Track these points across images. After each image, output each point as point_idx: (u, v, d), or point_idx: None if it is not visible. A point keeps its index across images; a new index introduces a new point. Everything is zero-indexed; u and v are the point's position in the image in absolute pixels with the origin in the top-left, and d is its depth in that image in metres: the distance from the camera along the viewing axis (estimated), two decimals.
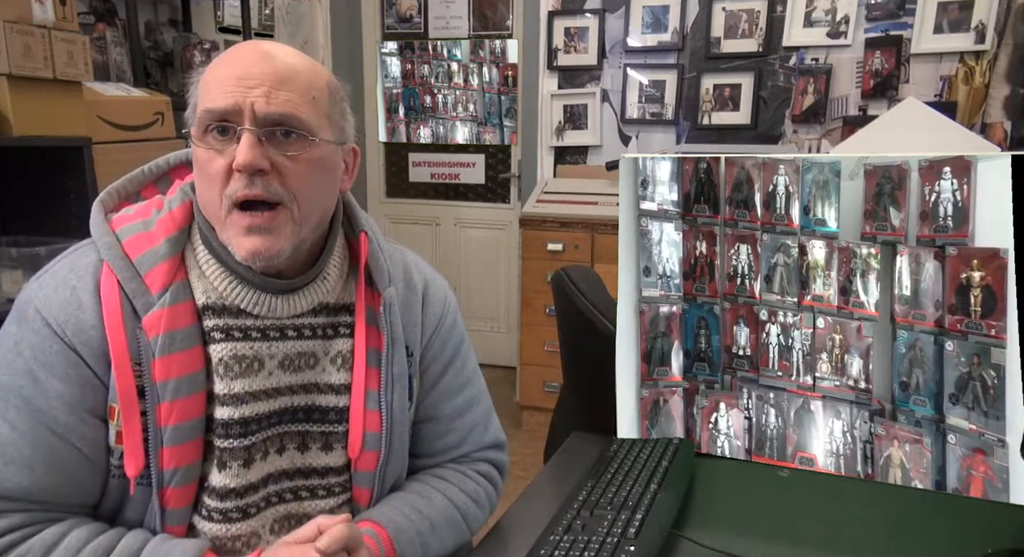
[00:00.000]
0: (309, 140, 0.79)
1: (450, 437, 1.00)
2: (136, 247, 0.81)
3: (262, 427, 0.85)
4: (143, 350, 0.78)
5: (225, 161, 0.77)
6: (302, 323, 0.87)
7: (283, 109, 0.77)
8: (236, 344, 0.82)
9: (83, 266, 0.81)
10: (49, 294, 0.79)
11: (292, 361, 0.86)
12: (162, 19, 2.84)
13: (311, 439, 0.89)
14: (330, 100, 0.83)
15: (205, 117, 0.78)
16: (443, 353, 0.99)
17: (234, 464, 0.82)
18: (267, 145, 0.77)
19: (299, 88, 0.79)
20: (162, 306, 0.79)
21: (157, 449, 0.78)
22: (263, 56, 0.79)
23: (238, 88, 0.76)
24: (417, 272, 0.99)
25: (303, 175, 0.79)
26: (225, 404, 0.81)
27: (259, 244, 0.78)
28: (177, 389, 0.78)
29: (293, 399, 0.87)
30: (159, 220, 0.84)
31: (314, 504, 0.90)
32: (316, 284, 0.88)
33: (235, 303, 0.83)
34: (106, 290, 0.79)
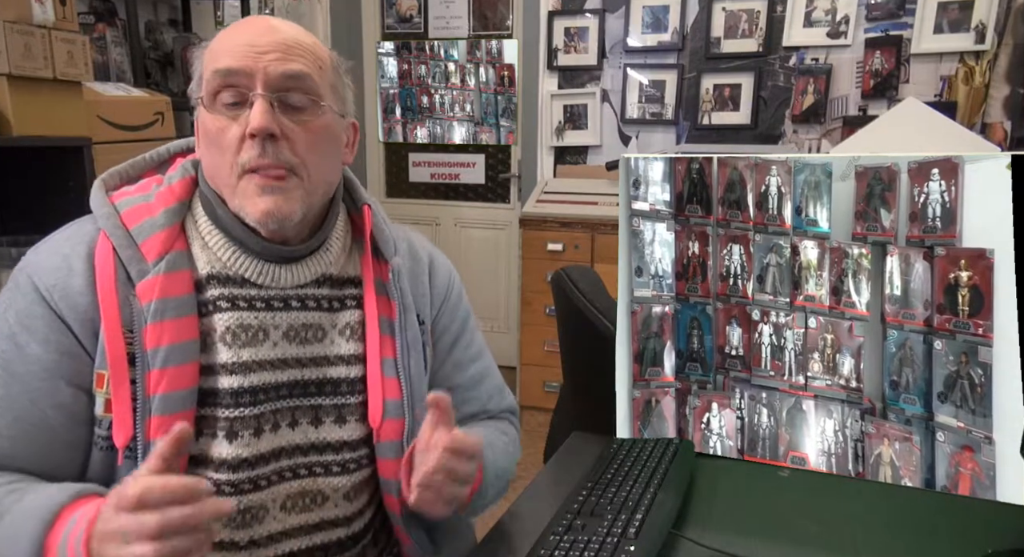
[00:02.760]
0: (319, 106, 0.81)
1: (468, 406, 1.01)
2: (134, 217, 0.82)
3: (270, 398, 0.84)
4: (136, 317, 0.77)
5: (239, 128, 0.78)
6: (306, 293, 0.87)
7: (297, 69, 0.79)
8: (241, 313, 0.83)
9: (79, 234, 0.81)
10: (41, 260, 0.79)
11: (297, 332, 0.86)
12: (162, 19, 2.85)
13: (324, 413, 0.88)
14: (334, 71, 0.86)
15: (215, 79, 0.78)
16: (452, 325, 1.01)
17: (245, 433, 0.81)
18: (279, 111, 0.79)
19: (306, 55, 0.81)
20: (157, 273, 0.78)
21: (145, 418, 0.76)
22: (269, 28, 0.81)
23: (248, 53, 0.78)
24: (421, 247, 1.01)
25: (312, 142, 0.81)
26: (233, 373, 0.81)
27: (272, 204, 0.79)
28: (168, 357, 0.77)
29: (303, 372, 0.87)
30: (159, 193, 0.84)
31: (329, 481, 0.88)
32: (319, 255, 0.88)
33: (239, 272, 0.83)
34: (101, 256, 0.79)
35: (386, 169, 4.01)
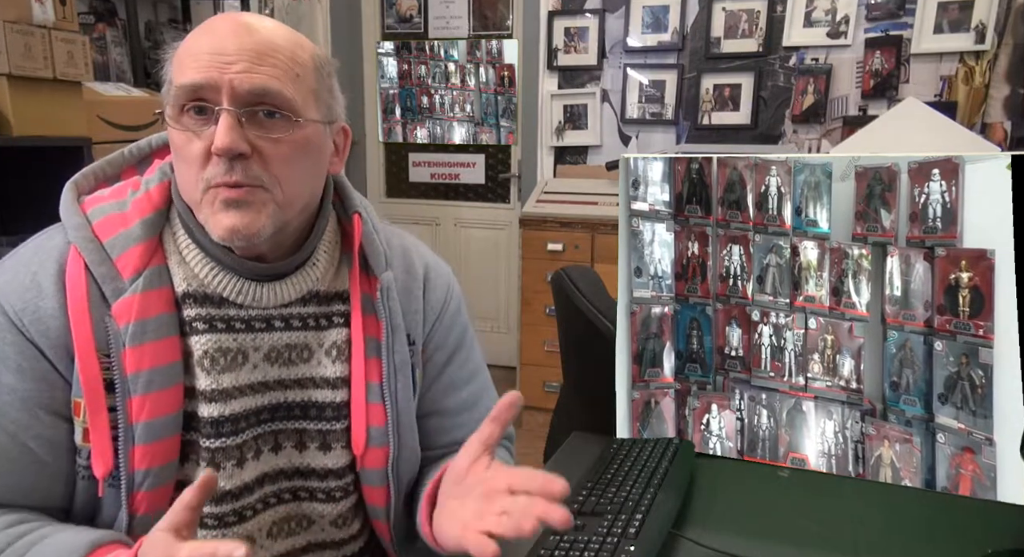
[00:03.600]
0: (293, 121, 0.73)
1: (458, 433, 0.92)
2: (107, 229, 0.75)
3: (251, 424, 0.80)
4: (112, 340, 0.72)
5: (203, 143, 0.71)
6: (290, 313, 0.81)
7: (265, 84, 0.71)
8: (220, 336, 0.77)
9: (47, 249, 0.75)
10: (8, 280, 0.73)
11: (280, 354, 0.81)
12: (162, 19, 2.85)
13: (308, 438, 0.83)
14: (316, 76, 0.76)
15: (179, 94, 0.71)
16: (447, 343, 0.93)
17: (227, 464, 0.77)
18: (247, 126, 0.71)
19: (281, 63, 0.72)
20: (134, 292, 0.73)
21: (128, 448, 0.72)
22: (241, 28, 0.72)
23: (214, 63, 0.70)
24: (418, 257, 0.93)
25: (287, 159, 0.73)
26: (213, 401, 0.76)
27: (237, 220, 0.72)
28: (150, 381, 0.72)
29: (286, 394, 0.82)
30: (135, 200, 0.77)
31: (314, 507, 0.85)
32: (305, 271, 0.82)
33: (217, 291, 0.77)
34: (72, 274, 0.73)
35: (386, 169, 4.01)
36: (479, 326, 3.83)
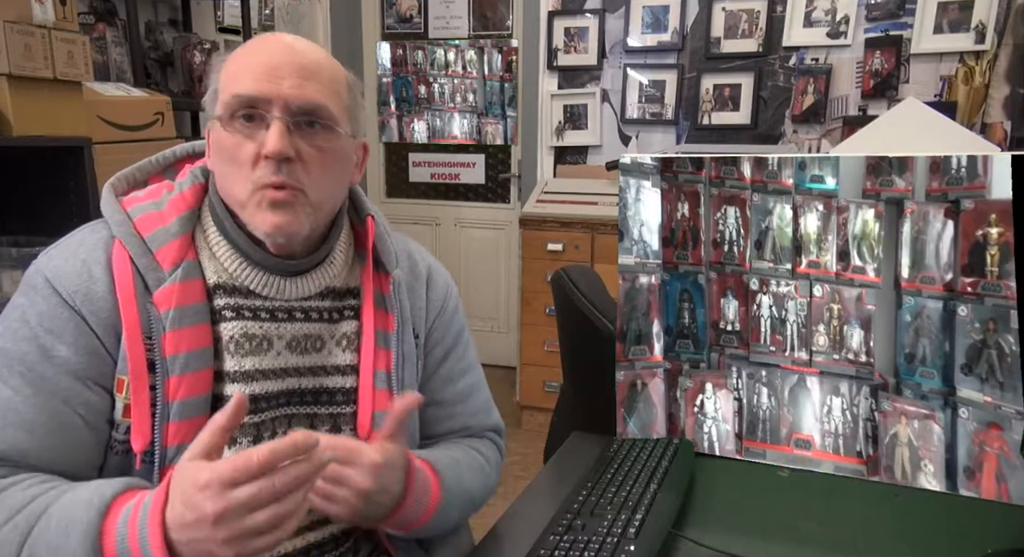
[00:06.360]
0: (335, 132, 0.83)
1: (453, 421, 1.02)
2: (148, 225, 0.83)
3: (270, 406, 0.86)
4: (154, 324, 0.79)
5: (254, 147, 0.80)
6: (309, 306, 0.90)
7: (315, 99, 0.81)
8: (246, 323, 0.85)
9: (94, 241, 0.83)
10: (59, 265, 0.80)
11: (299, 343, 0.89)
12: (162, 19, 2.84)
13: (319, 421, 0.90)
14: (349, 95, 0.87)
15: (234, 102, 0.80)
16: (445, 338, 1.01)
17: (244, 440, 0.84)
18: (294, 134, 0.80)
19: (325, 81, 0.83)
20: (173, 281, 0.81)
21: (164, 423, 0.79)
22: (289, 48, 0.82)
23: (269, 76, 0.79)
24: (421, 259, 1.03)
25: (324, 165, 0.83)
26: (236, 381, 0.83)
27: (282, 219, 0.81)
28: (187, 363, 0.80)
29: (301, 381, 0.89)
30: (170, 200, 0.86)
31: None
32: (323, 268, 0.90)
33: (245, 284, 0.86)
34: (118, 264, 0.80)
35: (386, 169, 4.01)
36: (479, 326, 3.83)
